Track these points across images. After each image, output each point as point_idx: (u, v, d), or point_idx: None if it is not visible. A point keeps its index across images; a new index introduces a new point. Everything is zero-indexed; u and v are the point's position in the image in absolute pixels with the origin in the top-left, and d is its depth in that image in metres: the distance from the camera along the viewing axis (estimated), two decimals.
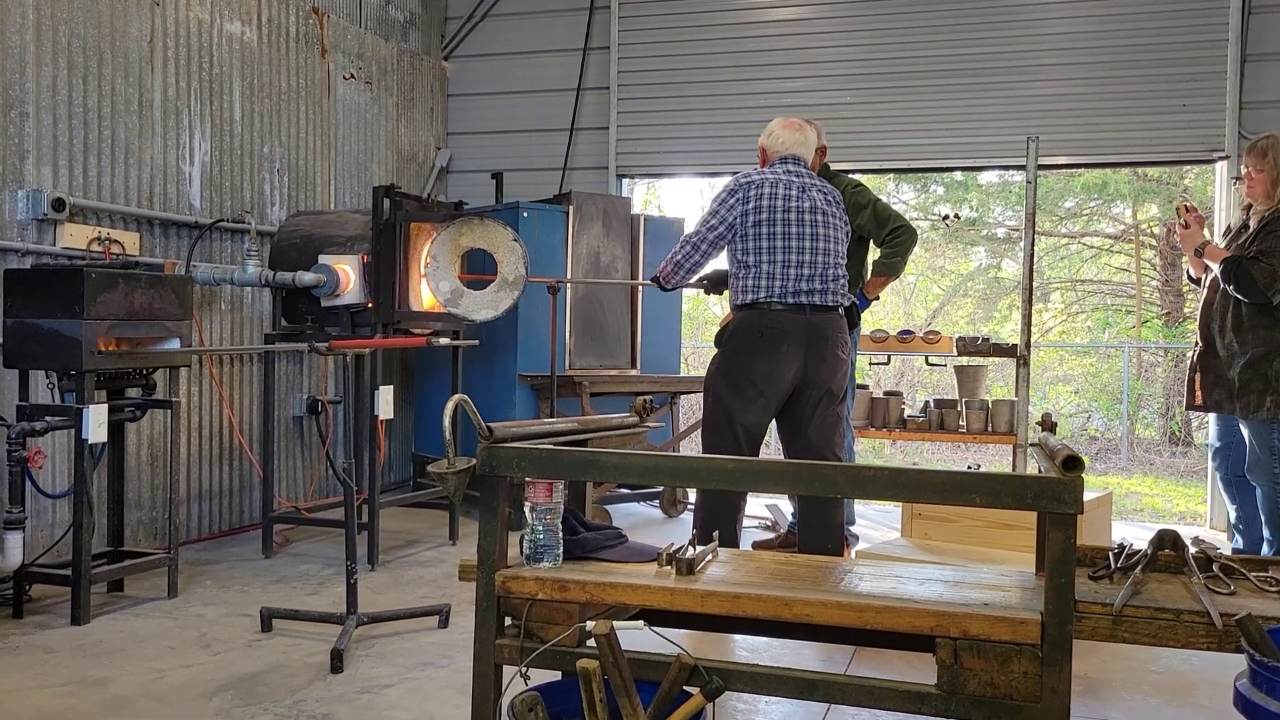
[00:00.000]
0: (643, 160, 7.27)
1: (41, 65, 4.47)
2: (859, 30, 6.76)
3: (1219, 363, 4.57)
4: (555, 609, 2.27)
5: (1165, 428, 13.34)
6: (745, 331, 3.86)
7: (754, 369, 3.82)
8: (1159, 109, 6.24)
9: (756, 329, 3.83)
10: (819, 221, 3.88)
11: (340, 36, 6.44)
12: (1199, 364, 4.69)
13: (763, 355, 3.81)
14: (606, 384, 5.96)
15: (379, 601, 4.16)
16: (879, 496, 2.17)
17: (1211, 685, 3.35)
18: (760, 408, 3.84)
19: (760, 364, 3.81)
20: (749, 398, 3.82)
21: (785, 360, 3.80)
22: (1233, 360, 4.49)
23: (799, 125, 4.09)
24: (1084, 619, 2.05)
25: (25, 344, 3.89)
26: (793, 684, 2.16)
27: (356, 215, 5.32)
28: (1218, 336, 4.58)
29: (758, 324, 3.84)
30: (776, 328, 3.81)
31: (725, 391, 3.87)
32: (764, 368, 3.81)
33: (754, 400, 3.83)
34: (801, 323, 3.82)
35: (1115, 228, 15.41)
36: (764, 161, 4.13)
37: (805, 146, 4.10)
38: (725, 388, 3.87)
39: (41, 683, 3.23)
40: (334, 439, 6.06)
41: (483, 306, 5.11)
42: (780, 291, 3.82)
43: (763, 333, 3.82)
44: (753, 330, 3.84)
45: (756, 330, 3.83)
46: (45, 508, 4.47)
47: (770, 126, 4.14)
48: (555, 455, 2.30)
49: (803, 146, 4.08)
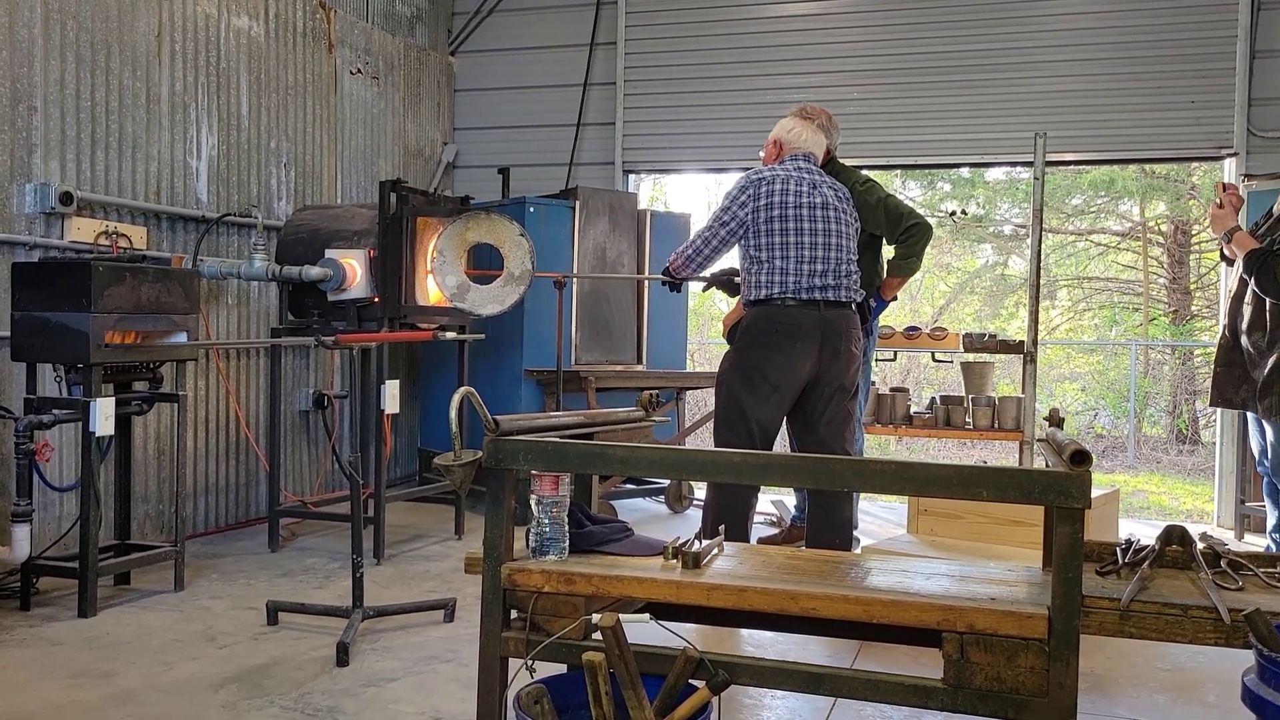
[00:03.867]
0: (649, 156, 7.26)
1: (50, 59, 4.48)
2: (866, 26, 6.75)
3: (1243, 359, 4.39)
4: (561, 602, 2.27)
5: (1172, 426, 13.31)
6: (759, 327, 3.85)
7: (768, 364, 3.81)
8: (1167, 105, 6.22)
9: (770, 325, 3.82)
10: (830, 217, 3.88)
11: (347, 31, 6.44)
12: (1224, 358, 4.49)
13: (777, 351, 3.80)
14: (612, 379, 5.96)
15: (384, 595, 4.17)
16: (885, 490, 2.17)
17: (1219, 681, 3.34)
18: (774, 403, 3.83)
19: (774, 359, 3.80)
20: (763, 393, 3.82)
21: (799, 356, 3.79)
22: (1257, 358, 4.32)
23: (817, 125, 4.11)
24: (1091, 614, 2.04)
25: (33, 337, 3.90)
26: (799, 678, 2.15)
27: (363, 210, 5.32)
28: (1244, 333, 4.39)
29: (772, 320, 3.82)
30: (791, 323, 3.80)
31: (739, 387, 3.86)
32: (778, 363, 3.80)
33: (768, 396, 3.82)
34: (815, 318, 3.81)
35: (1123, 225, 15.37)
36: (775, 154, 4.12)
37: (819, 146, 4.14)
38: (739, 383, 3.86)
39: (48, 675, 3.24)
40: (340, 433, 6.07)
41: (489, 301, 5.11)
42: (794, 287, 3.81)
43: (777, 328, 3.81)
44: (767, 326, 3.83)
45: (770, 326, 3.82)
46: (52, 500, 4.49)
47: (786, 122, 4.14)
48: (561, 448, 2.30)
49: (817, 145, 4.12)
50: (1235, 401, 4.48)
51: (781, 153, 4.10)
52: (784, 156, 4.07)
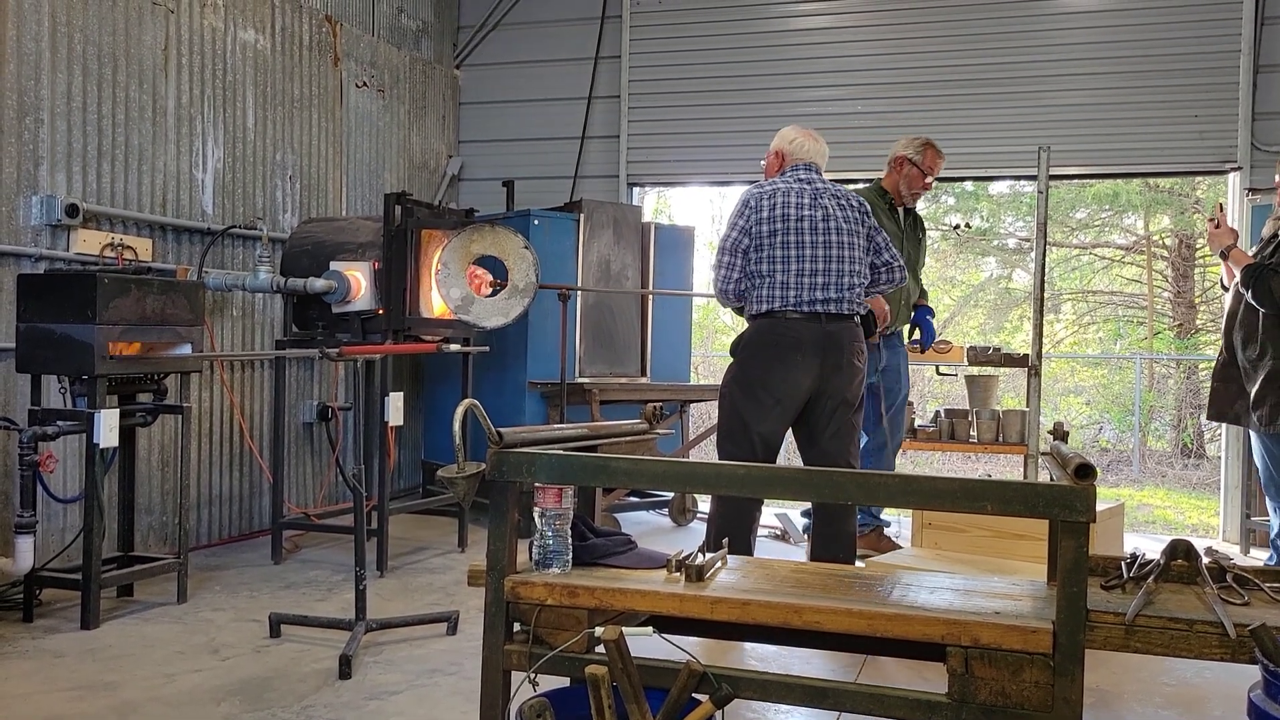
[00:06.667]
0: (653, 169, 7.28)
1: (57, 72, 4.50)
2: (871, 40, 6.76)
3: (1239, 374, 4.51)
4: (564, 615, 2.27)
5: (1177, 440, 13.28)
6: (760, 340, 3.85)
7: (769, 377, 3.81)
8: (1171, 119, 6.23)
9: (771, 338, 3.82)
10: (831, 229, 3.86)
11: (353, 45, 6.47)
12: (1221, 374, 4.62)
13: (778, 364, 3.80)
14: (616, 392, 5.96)
15: (388, 608, 4.16)
16: (890, 503, 2.16)
17: (1224, 697, 3.32)
18: (776, 416, 3.83)
19: (776, 372, 3.80)
20: (765, 406, 3.82)
21: (801, 369, 3.79)
22: (1252, 372, 4.43)
23: (815, 135, 4.11)
24: (1096, 628, 2.03)
25: (38, 348, 3.91)
26: (802, 692, 2.14)
27: (368, 222, 5.33)
28: (1240, 348, 4.51)
29: (773, 333, 3.82)
30: (792, 336, 3.80)
31: (741, 400, 3.86)
32: (779, 376, 3.80)
33: (770, 409, 3.82)
34: (817, 331, 3.80)
35: (1127, 238, 15.37)
36: (777, 166, 4.11)
37: (821, 155, 4.10)
38: (741, 396, 3.86)
39: (51, 687, 3.23)
40: (344, 445, 6.07)
41: (493, 314, 5.12)
42: (795, 300, 3.81)
43: (777, 341, 3.81)
44: (768, 339, 3.83)
45: (771, 339, 3.82)
46: (56, 512, 4.49)
47: (787, 132, 4.13)
48: (565, 460, 2.30)
49: (819, 155, 4.08)
50: (1229, 415, 4.61)
51: (784, 164, 4.08)
52: (785, 168, 4.06)
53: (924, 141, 5.13)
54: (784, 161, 4.08)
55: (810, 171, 4.01)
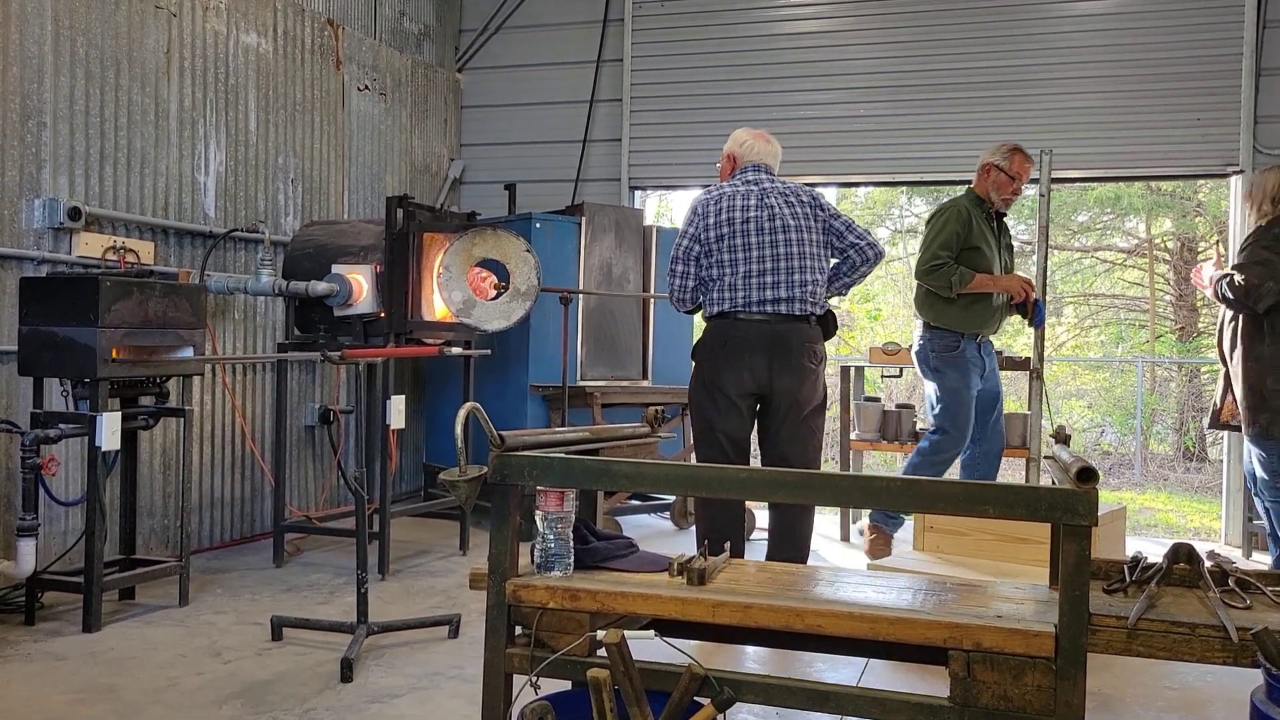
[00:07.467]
0: (655, 172, 7.28)
1: (59, 75, 4.51)
2: (873, 43, 6.77)
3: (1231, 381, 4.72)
4: (566, 618, 2.27)
5: (1179, 443, 13.27)
6: (712, 342, 3.94)
7: (723, 378, 3.88)
8: (1173, 123, 6.23)
9: (721, 339, 3.91)
10: (778, 229, 3.89)
11: (355, 48, 6.48)
12: (1224, 383, 4.82)
13: (727, 365, 3.88)
14: (618, 395, 5.96)
15: (389, 611, 4.16)
16: (892, 507, 2.16)
17: (1227, 701, 3.32)
18: (735, 415, 3.91)
19: (728, 373, 3.88)
20: (723, 407, 3.90)
21: (748, 369, 3.86)
22: (1236, 378, 4.63)
23: (767, 137, 4.14)
24: (1098, 632, 2.03)
25: (40, 351, 3.92)
26: (804, 695, 2.14)
27: (370, 225, 5.34)
28: (1228, 356, 4.70)
29: (722, 334, 3.91)
30: (739, 337, 3.87)
31: (703, 401, 3.96)
32: (732, 376, 3.87)
33: (728, 409, 3.90)
34: (765, 332, 3.85)
35: (1129, 242, 15.36)
36: (730, 169, 4.15)
37: (773, 156, 4.13)
38: (703, 397, 3.96)
39: (53, 689, 3.23)
40: (345, 448, 6.07)
41: (495, 317, 5.12)
42: (745, 302, 3.87)
43: (726, 342, 3.89)
44: (718, 340, 3.91)
45: (720, 340, 3.90)
46: (58, 515, 4.49)
47: (739, 135, 4.16)
48: (567, 463, 2.30)
49: (770, 156, 4.11)
50: (1229, 424, 4.83)
51: (735, 166, 4.12)
52: (736, 170, 4.10)
53: (1011, 147, 5.01)
54: (735, 164, 4.12)
55: (759, 173, 4.05)
